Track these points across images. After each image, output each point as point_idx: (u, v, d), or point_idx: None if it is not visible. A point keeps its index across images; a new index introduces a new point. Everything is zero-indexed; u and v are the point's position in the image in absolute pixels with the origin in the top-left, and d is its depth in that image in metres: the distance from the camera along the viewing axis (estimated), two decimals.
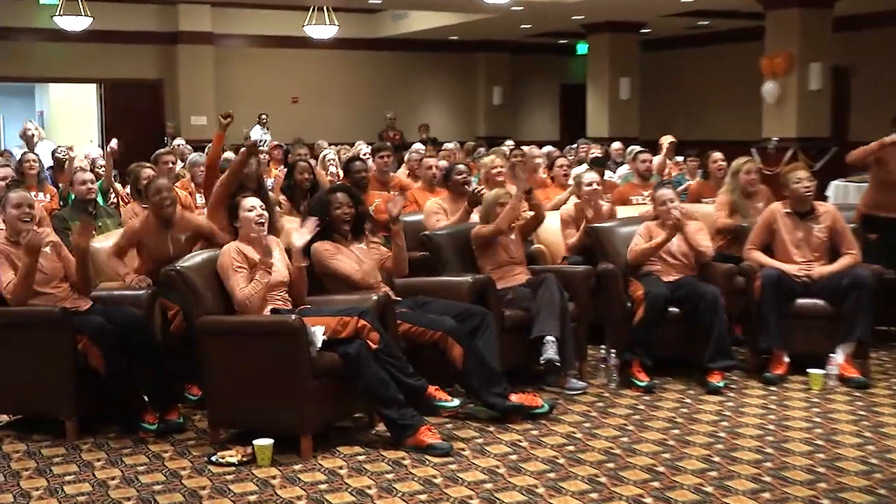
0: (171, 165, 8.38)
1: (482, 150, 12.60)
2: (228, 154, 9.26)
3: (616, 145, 12.20)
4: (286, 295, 5.36)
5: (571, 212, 7.27)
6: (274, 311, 5.22)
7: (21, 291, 5.18)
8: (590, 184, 7.19)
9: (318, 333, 4.87)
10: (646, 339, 6.12)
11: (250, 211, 5.31)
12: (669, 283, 6.24)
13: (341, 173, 9.15)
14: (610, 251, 6.63)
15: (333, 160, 10.05)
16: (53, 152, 10.86)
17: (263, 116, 16.95)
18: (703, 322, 6.04)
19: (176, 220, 5.96)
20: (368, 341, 4.96)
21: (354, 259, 5.70)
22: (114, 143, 8.76)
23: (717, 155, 8.43)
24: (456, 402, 5.15)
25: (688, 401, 5.84)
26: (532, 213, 6.53)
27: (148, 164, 7.41)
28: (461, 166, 7.15)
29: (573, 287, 6.25)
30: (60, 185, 9.38)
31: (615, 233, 6.71)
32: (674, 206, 6.32)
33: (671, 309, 6.19)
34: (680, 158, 10.96)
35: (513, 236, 6.41)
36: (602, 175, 8.65)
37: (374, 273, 5.75)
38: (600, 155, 11.58)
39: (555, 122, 22.44)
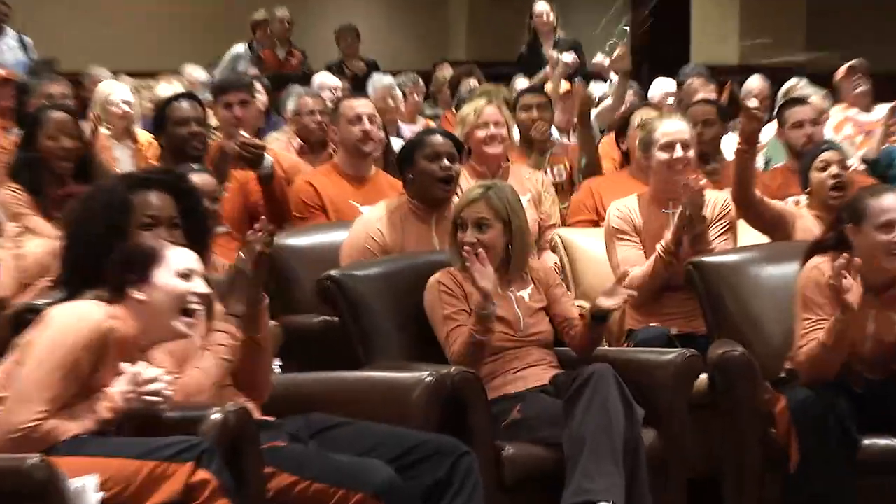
0: None
1: (472, 84, 11.78)
2: None
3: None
4: None
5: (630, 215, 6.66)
6: None
7: None
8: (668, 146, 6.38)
9: (90, 489, 4.13)
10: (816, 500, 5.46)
11: (185, 277, 4.50)
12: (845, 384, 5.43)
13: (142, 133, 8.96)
14: (736, 315, 5.66)
15: (127, 105, 9.24)
16: None
17: None
18: None
19: None
20: None
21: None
22: None
23: None
24: None
25: None
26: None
27: None
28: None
29: (653, 394, 5.32)
30: None
31: (747, 273, 5.79)
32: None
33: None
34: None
35: (526, 292, 5.56)
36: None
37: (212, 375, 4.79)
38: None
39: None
